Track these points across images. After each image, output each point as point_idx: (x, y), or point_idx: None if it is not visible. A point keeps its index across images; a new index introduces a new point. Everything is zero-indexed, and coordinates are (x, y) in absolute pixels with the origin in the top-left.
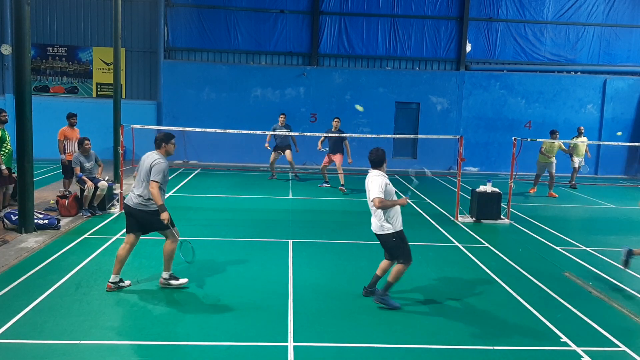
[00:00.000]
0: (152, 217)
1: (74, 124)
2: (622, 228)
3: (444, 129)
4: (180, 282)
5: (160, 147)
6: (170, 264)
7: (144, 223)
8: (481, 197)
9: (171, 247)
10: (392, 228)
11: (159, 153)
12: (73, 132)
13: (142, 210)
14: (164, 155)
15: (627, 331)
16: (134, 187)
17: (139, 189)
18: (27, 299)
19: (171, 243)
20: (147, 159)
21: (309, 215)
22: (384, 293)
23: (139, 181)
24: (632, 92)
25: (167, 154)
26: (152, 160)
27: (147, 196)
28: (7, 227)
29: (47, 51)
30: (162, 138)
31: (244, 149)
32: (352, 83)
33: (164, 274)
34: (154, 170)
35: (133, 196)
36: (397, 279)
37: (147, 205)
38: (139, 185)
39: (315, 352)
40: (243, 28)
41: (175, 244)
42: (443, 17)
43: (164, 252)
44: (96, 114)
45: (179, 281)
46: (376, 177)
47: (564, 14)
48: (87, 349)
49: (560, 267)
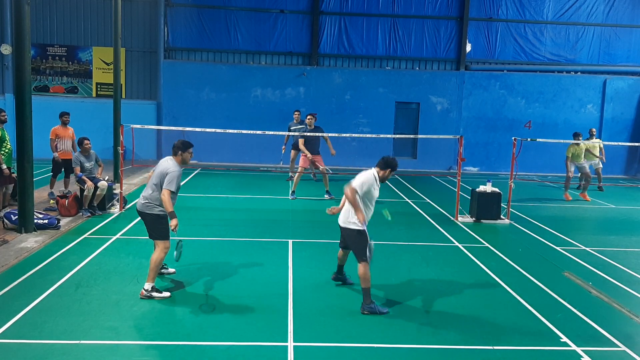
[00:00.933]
0: (153, 220)
1: (66, 122)
2: (622, 228)
3: (444, 129)
4: (162, 295)
5: (176, 155)
6: (153, 275)
7: (146, 226)
8: (481, 197)
9: (158, 256)
10: (359, 225)
11: (174, 160)
12: (66, 130)
13: (146, 212)
14: (179, 163)
15: (627, 331)
16: (144, 191)
17: (147, 191)
18: (27, 299)
19: (160, 252)
20: (163, 165)
21: (309, 215)
22: (368, 302)
23: (150, 184)
24: (632, 92)
25: (182, 162)
26: (167, 168)
27: (154, 199)
28: (7, 227)
29: (47, 51)
30: (180, 146)
31: (244, 149)
32: (352, 83)
33: (146, 285)
34: (167, 179)
35: (141, 198)
36: (368, 281)
37: (151, 208)
38: (148, 188)
39: (315, 352)
40: (243, 28)
41: (163, 254)
42: (443, 17)
43: (151, 261)
44: (96, 113)
45: (161, 294)
46: (370, 173)
47: (564, 14)
48: (87, 349)
49: (560, 267)
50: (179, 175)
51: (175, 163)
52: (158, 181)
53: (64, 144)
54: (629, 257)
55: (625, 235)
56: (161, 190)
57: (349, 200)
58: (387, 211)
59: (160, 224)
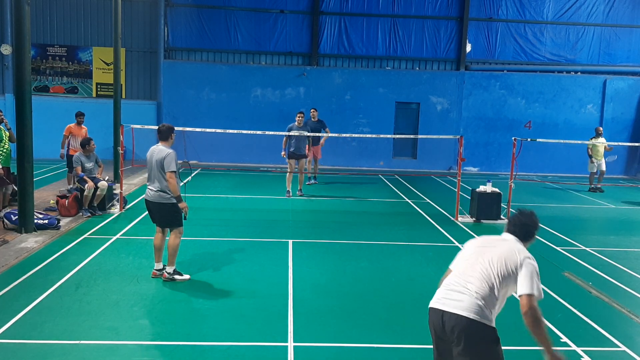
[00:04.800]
0: (168, 209)
1: (81, 122)
2: (622, 228)
3: (444, 129)
4: (183, 277)
5: (168, 138)
6: (174, 259)
7: (159, 217)
8: (481, 197)
9: (175, 242)
10: (171, 199)
11: (165, 145)
12: (80, 129)
13: (160, 202)
14: (169, 146)
15: (627, 331)
16: (149, 184)
17: (155, 184)
18: (27, 299)
19: (175, 238)
20: (156, 154)
21: (309, 215)
22: (173, 272)
23: (152, 177)
24: (632, 92)
25: (171, 144)
26: (162, 153)
27: (166, 188)
28: (7, 227)
29: (47, 51)
30: (171, 128)
31: (244, 149)
32: (352, 83)
33: (168, 268)
34: (167, 161)
35: (152, 191)
36: (176, 251)
37: (165, 197)
38: (153, 181)
39: (315, 352)
40: (243, 28)
41: (179, 239)
42: (443, 17)
43: (169, 246)
44: (96, 114)
45: (182, 276)
46: (527, 261)
47: (564, 14)
48: (87, 349)
49: (560, 267)
50: (175, 155)
51: (166, 147)
52: (162, 168)
53: (77, 141)
54: (629, 257)
55: (625, 235)
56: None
57: (173, 186)
58: None
59: (176, 211)
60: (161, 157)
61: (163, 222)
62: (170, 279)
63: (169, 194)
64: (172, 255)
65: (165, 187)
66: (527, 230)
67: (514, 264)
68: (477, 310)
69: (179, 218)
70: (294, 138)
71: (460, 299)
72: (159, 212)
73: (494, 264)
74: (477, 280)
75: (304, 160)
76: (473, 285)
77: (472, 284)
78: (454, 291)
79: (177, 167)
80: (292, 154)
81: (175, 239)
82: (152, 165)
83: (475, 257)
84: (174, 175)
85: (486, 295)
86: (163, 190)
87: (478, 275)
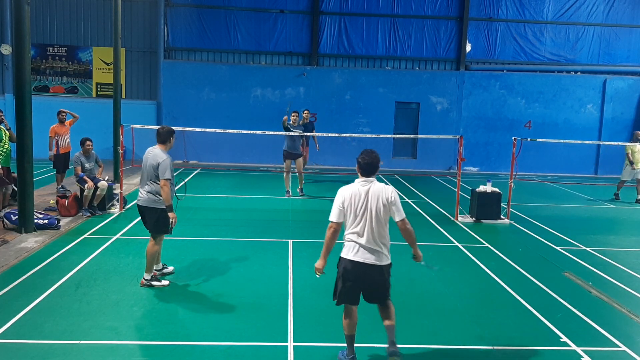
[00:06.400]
0: (158, 215)
1: (62, 119)
2: (622, 228)
3: (443, 129)
4: (162, 283)
5: (166, 142)
6: (151, 266)
7: (147, 220)
8: (481, 197)
9: (153, 249)
10: (162, 204)
11: (162, 149)
12: (63, 127)
13: (154, 207)
14: (166, 150)
15: (627, 331)
16: (140, 187)
17: (148, 186)
18: (27, 299)
19: (153, 245)
20: (151, 157)
21: (309, 215)
22: (150, 279)
23: (144, 180)
24: (632, 92)
25: (169, 148)
26: (157, 158)
27: (157, 191)
28: (7, 227)
29: (47, 51)
30: (170, 131)
31: (244, 149)
32: (352, 83)
33: (146, 275)
34: (162, 168)
35: (143, 194)
36: (154, 258)
37: (160, 203)
38: (144, 184)
39: (315, 352)
40: (243, 28)
41: (158, 246)
42: (443, 17)
43: (146, 253)
44: (96, 114)
45: (161, 283)
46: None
47: (564, 14)
48: (87, 349)
49: (560, 267)
50: (171, 161)
51: (163, 151)
52: (157, 172)
53: (64, 140)
54: (629, 257)
55: (625, 235)
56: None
57: (166, 190)
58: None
59: (164, 218)
60: (156, 163)
61: (149, 226)
62: (148, 285)
63: (159, 198)
64: (149, 262)
65: (155, 191)
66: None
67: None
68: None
69: (165, 226)
70: (289, 137)
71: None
72: (147, 216)
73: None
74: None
75: (300, 159)
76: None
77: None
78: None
79: (172, 175)
80: (287, 154)
81: (154, 246)
82: (146, 168)
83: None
84: (168, 183)
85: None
86: (153, 193)
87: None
